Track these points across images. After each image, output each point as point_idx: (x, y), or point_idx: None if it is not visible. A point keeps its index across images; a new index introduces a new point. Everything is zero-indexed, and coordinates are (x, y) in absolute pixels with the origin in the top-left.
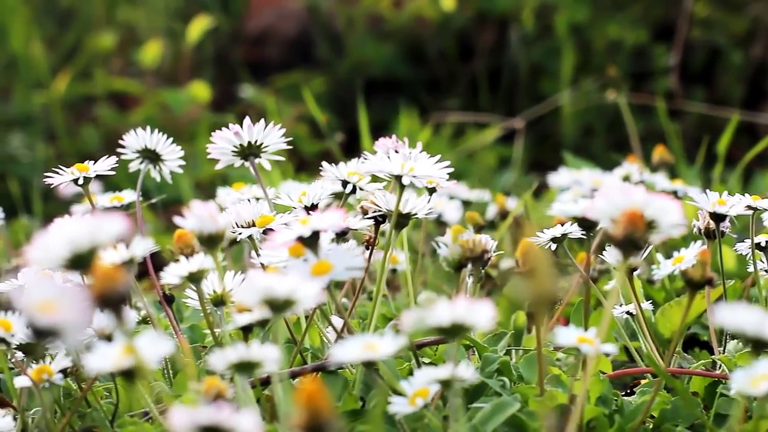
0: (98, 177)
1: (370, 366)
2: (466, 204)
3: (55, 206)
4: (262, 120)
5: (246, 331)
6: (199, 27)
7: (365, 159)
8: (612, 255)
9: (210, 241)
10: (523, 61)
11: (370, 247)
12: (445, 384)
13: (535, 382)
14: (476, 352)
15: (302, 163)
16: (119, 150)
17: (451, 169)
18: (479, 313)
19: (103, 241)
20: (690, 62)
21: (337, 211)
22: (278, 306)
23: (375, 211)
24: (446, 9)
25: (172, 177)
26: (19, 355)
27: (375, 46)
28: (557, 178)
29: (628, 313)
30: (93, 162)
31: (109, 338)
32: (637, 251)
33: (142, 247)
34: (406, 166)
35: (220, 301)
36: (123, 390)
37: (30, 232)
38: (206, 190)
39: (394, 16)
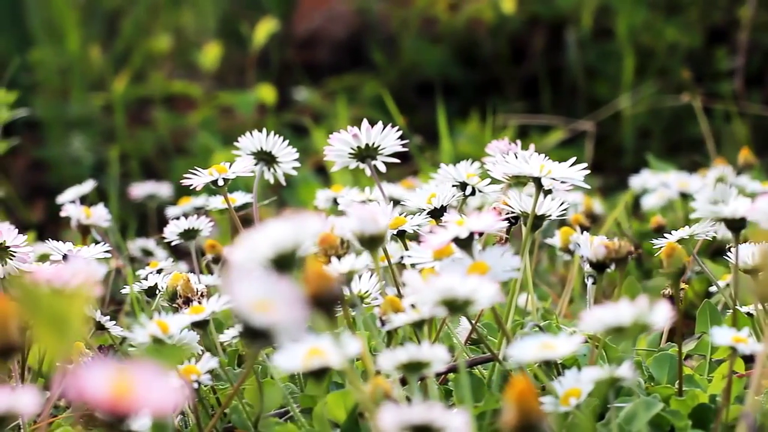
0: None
1: (549, 365)
2: None
3: (127, 208)
4: (380, 123)
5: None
6: (265, 30)
7: (504, 161)
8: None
9: (371, 242)
10: (579, 64)
11: None
12: (606, 383)
13: (665, 382)
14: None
15: None
16: (234, 151)
17: (588, 172)
18: (659, 313)
19: (305, 241)
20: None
21: (492, 212)
22: (457, 306)
23: (508, 213)
24: (506, 11)
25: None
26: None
27: (428, 48)
28: (639, 180)
29: (748, 314)
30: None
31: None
32: None
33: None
34: (545, 168)
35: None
36: (255, 391)
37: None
38: (274, 191)
39: (450, 18)
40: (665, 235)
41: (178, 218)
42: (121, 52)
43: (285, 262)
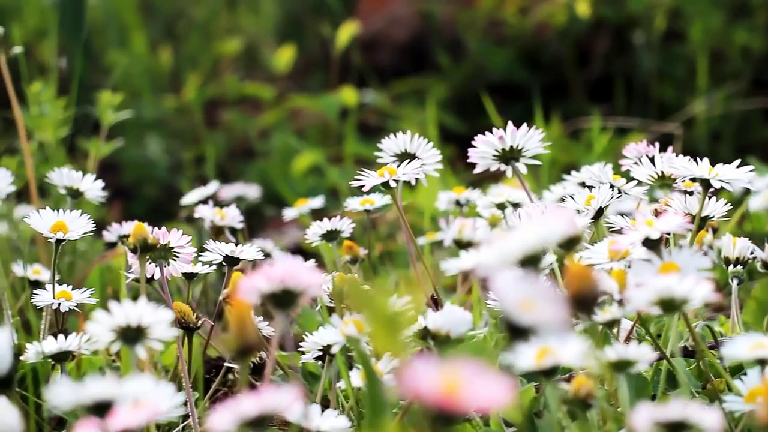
0: None
1: (764, 364)
2: None
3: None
4: (525, 125)
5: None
6: (347, 32)
7: (672, 163)
8: None
9: (570, 244)
10: (650, 68)
11: None
12: None
13: None
14: None
15: None
16: (376, 153)
17: (754, 174)
18: None
19: (552, 242)
20: None
21: (679, 214)
22: (674, 306)
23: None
24: (581, 14)
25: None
26: None
27: (494, 50)
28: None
29: None
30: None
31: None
32: None
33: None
34: (713, 170)
35: None
36: None
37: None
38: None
39: (519, 21)
40: None
41: (317, 221)
42: (188, 54)
43: (532, 262)
